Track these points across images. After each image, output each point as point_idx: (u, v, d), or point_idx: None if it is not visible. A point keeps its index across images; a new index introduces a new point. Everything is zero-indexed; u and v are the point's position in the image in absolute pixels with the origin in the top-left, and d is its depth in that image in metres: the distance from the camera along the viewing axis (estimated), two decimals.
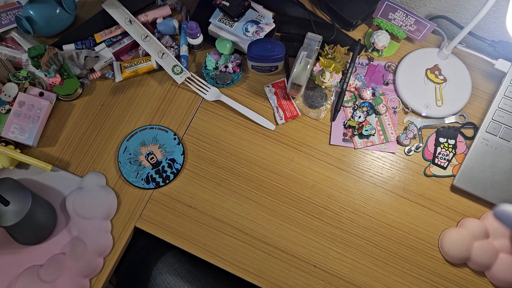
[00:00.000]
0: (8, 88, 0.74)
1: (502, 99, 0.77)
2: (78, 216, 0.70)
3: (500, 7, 0.78)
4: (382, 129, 0.78)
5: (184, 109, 0.79)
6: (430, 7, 0.86)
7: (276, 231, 0.72)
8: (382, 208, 0.74)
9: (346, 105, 0.79)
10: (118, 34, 0.82)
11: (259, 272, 0.70)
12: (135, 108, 0.79)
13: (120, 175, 0.74)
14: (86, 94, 0.80)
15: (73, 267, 0.67)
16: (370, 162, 0.76)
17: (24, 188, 0.64)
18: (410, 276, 0.70)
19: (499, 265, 0.68)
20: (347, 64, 0.80)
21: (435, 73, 0.80)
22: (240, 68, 0.81)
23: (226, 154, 0.76)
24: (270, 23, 0.80)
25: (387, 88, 0.81)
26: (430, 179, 0.75)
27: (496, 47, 0.81)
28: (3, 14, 0.80)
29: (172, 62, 0.79)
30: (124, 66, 0.79)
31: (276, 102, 0.79)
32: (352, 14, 0.82)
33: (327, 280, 0.70)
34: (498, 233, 0.70)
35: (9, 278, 0.67)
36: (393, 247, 0.72)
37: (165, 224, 0.72)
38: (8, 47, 0.79)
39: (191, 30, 0.76)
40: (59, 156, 0.75)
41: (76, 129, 0.77)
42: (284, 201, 0.73)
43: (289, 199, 0.74)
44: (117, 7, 0.82)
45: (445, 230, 0.72)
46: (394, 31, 0.82)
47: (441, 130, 0.77)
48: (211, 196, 0.73)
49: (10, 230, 0.64)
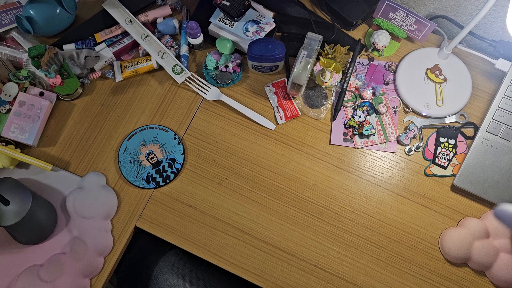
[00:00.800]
0: (9, 87, 0.74)
1: (503, 99, 0.77)
2: (78, 216, 0.70)
3: (500, 6, 0.78)
4: (383, 129, 0.78)
5: (184, 109, 0.79)
6: (430, 7, 0.86)
7: (277, 231, 0.72)
8: (382, 207, 0.74)
9: (346, 105, 0.79)
10: (119, 34, 0.82)
11: (259, 272, 0.70)
12: (135, 107, 0.79)
13: (120, 174, 0.74)
14: (87, 94, 0.80)
15: (73, 266, 0.67)
16: (370, 161, 0.76)
17: (24, 188, 0.64)
18: (410, 275, 0.70)
19: (500, 265, 0.68)
20: (348, 63, 0.80)
21: (435, 72, 0.80)
22: (240, 68, 0.81)
23: (227, 153, 0.76)
24: (271, 23, 0.80)
25: (387, 88, 0.81)
26: (430, 179, 0.75)
27: (496, 47, 0.82)
28: (3, 14, 0.80)
29: (172, 62, 0.79)
30: (124, 66, 0.79)
31: (277, 101, 0.79)
32: (352, 14, 0.82)
33: (327, 280, 0.70)
34: (498, 233, 0.70)
35: (9, 278, 0.67)
36: (394, 246, 0.72)
37: (166, 224, 0.72)
38: (9, 47, 0.79)
39: (191, 30, 0.76)
40: (59, 156, 0.75)
41: (76, 129, 0.77)
42: (285, 200, 0.73)
43: (289, 199, 0.74)
44: (117, 7, 0.82)
45: (446, 230, 0.72)
46: (394, 30, 0.82)
47: (442, 129, 0.77)
48: (211, 195, 0.73)
49: (10, 230, 0.64)
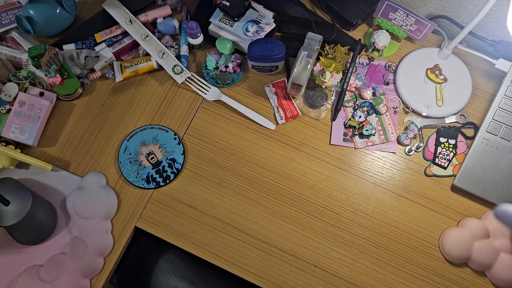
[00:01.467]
0: (9, 88, 0.74)
1: (503, 99, 0.77)
2: (78, 216, 0.70)
3: (500, 7, 0.78)
4: (383, 129, 0.77)
5: (184, 109, 0.79)
6: (430, 7, 0.86)
7: (277, 231, 0.72)
8: (382, 208, 0.74)
9: (346, 105, 0.79)
10: (119, 34, 0.82)
11: (259, 272, 0.70)
12: (135, 108, 0.79)
13: (120, 175, 0.74)
14: (87, 94, 0.80)
15: (73, 267, 0.67)
16: (370, 162, 0.76)
17: (24, 188, 0.64)
18: (410, 276, 0.70)
19: (500, 265, 0.68)
20: (348, 64, 0.80)
21: (435, 73, 0.80)
22: (240, 68, 0.81)
23: (227, 154, 0.76)
24: (271, 23, 0.79)
25: (387, 88, 0.81)
26: (430, 179, 0.75)
27: (496, 47, 0.81)
28: (3, 14, 0.80)
29: (172, 62, 0.79)
30: (124, 66, 0.79)
31: (277, 102, 0.79)
32: (352, 14, 0.82)
33: (327, 280, 0.70)
34: (498, 233, 0.70)
35: (9, 278, 0.67)
36: (394, 247, 0.72)
37: (166, 224, 0.72)
38: (9, 47, 0.79)
39: (191, 30, 0.76)
40: (59, 156, 0.75)
41: (76, 129, 0.77)
42: (285, 201, 0.73)
43: (289, 199, 0.74)
44: (117, 7, 0.82)
45: (446, 230, 0.72)
46: (394, 31, 0.82)
47: (442, 130, 0.77)
48: (211, 196, 0.73)
49: (10, 230, 0.64)
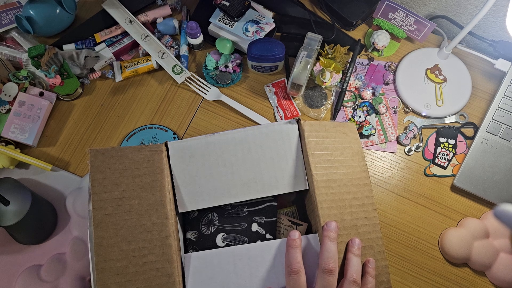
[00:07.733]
0: (8, 88, 0.75)
1: (502, 99, 0.77)
2: (78, 216, 0.70)
3: (500, 7, 0.78)
4: (382, 129, 0.78)
5: (184, 109, 0.79)
6: (430, 7, 0.86)
7: None
8: (382, 207, 0.74)
9: (346, 105, 0.79)
10: (118, 34, 0.82)
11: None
12: (135, 108, 0.79)
13: None
14: (86, 94, 0.80)
15: (73, 266, 0.67)
16: (370, 161, 0.76)
17: (24, 188, 0.64)
18: (410, 275, 0.70)
19: (500, 265, 0.68)
20: (347, 64, 0.80)
21: (435, 72, 0.80)
22: (240, 68, 0.81)
23: None
24: (270, 23, 0.80)
25: (387, 88, 0.81)
26: (430, 179, 0.75)
27: (496, 47, 0.82)
28: (3, 14, 0.80)
29: (172, 62, 0.79)
30: (124, 66, 0.79)
31: (276, 101, 0.79)
32: (352, 14, 0.82)
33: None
34: (498, 233, 0.70)
35: (9, 278, 0.67)
36: (393, 246, 0.72)
37: None
38: (8, 47, 0.79)
39: (191, 30, 0.76)
40: (59, 156, 0.75)
41: (76, 129, 0.77)
42: None
43: None
44: (117, 7, 0.82)
45: (445, 230, 0.72)
46: (394, 31, 0.82)
47: (441, 129, 0.77)
48: None
49: (10, 230, 0.64)
